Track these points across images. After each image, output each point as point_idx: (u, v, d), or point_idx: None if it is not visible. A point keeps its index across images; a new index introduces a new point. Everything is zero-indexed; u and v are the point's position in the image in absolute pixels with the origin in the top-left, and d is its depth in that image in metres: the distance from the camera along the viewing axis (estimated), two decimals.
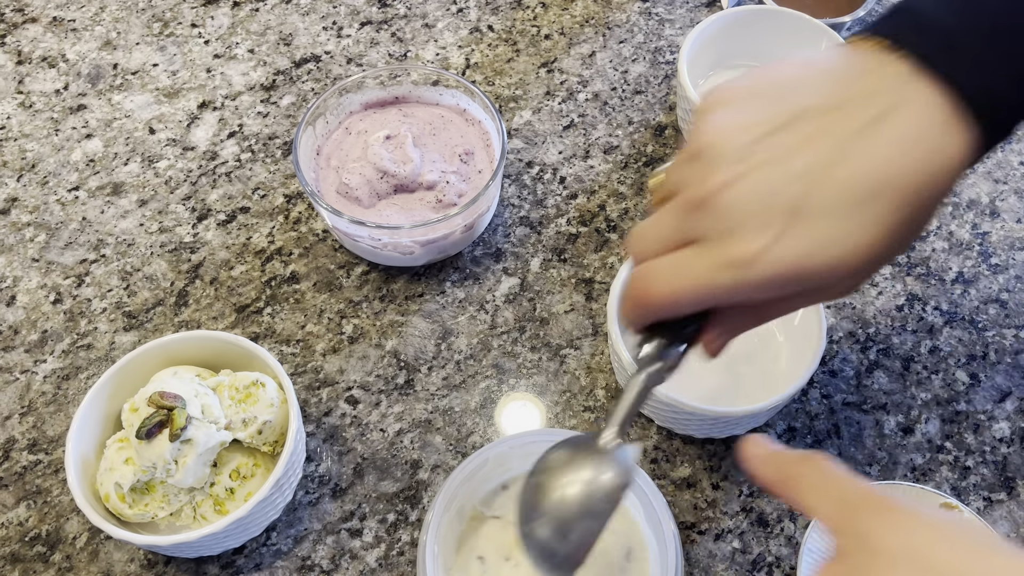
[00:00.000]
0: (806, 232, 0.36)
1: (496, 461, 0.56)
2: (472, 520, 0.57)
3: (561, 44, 0.88)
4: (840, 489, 0.36)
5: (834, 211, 0.36)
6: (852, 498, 0.36)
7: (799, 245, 0.36)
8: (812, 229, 0.36)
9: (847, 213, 0.36)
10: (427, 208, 0.71)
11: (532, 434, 0.56)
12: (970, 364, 0.70)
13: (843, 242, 0.36)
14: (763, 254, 0.36)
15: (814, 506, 0.37)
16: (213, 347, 0.63)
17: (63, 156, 0.81)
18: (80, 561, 0.61)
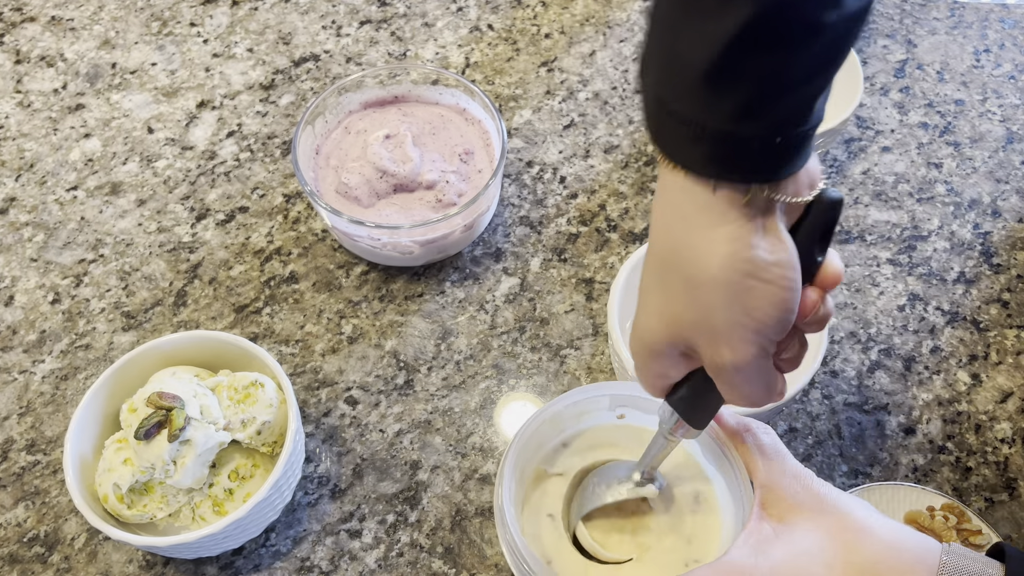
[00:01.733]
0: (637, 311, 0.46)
1: (552, 421, 0.56)
2: (536, 479, 0.57)
3: (561, 43, 0.88)
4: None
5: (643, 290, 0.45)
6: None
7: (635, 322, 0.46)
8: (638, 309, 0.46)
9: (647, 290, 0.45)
10: (427, 208, 0.71)
11: (581, 391, 0.56)
12: (971, 364, 0.69)
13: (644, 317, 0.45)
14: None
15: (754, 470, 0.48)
16: (212, 347, 0.63)
17: (61, 156, 0.80)
18: (79, 562, 0.61)
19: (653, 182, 0.78)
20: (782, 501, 0.46)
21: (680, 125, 0.39)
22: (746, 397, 0.43)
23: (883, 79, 0.86)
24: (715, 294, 0.40)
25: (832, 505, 0.45)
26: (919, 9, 0.91)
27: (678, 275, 0.42)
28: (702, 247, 0.40)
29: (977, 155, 0.80)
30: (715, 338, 0.41)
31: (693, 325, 0.42)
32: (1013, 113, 0.83)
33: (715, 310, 0.41)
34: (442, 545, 0.61)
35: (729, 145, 0.39)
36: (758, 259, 0.40)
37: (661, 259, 0.43)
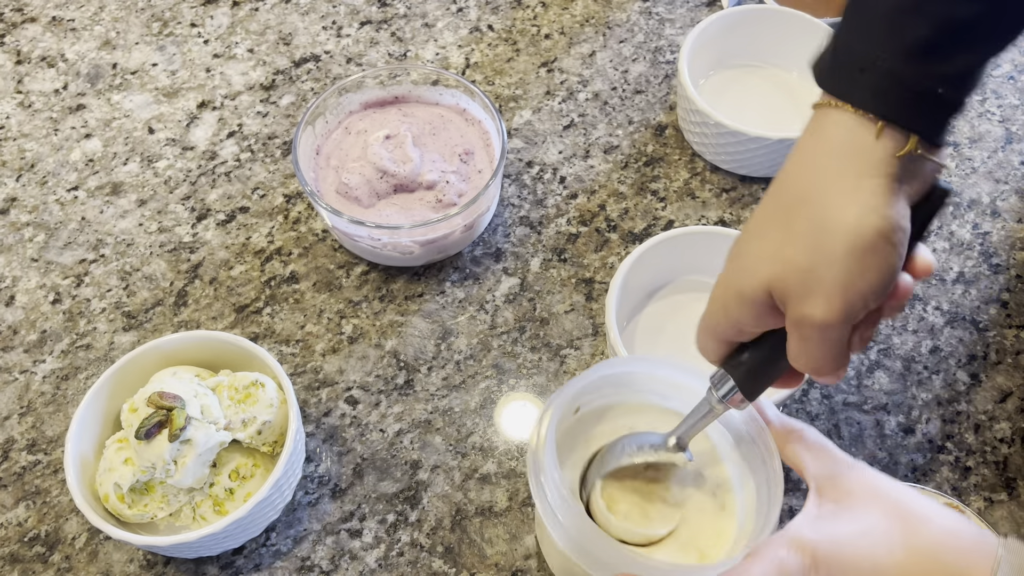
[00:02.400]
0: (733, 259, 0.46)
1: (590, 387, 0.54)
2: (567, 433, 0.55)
3: (561, 44, 0.88)
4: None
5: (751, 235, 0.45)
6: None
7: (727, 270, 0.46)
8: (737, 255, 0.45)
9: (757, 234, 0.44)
10: (427, 208, 0.71)
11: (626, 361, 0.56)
12: (971, 364, 0.69)
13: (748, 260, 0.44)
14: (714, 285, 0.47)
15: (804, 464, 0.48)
16: (212, 347, 0.63)
17: (62, 156, 0.80)
18: (79, 562, 0.61)
19: (653, 182, 0.78)
20: (838, 488, 0.46)
21: (855, 59, 0.41)
22: (815, 361, 0.43)
23: None
24: (841, 242, 0.40)
25: (889, 491, 0.45)
26: None
27: (809, 215, 0.41)
28: (847, 192, 0.40)
29: (976, 155, 0.81)
30: (818, 289, 0.41)
31: (802, 271, 0.41)
32: (1012, 113, 0.83)
33: (834, 259, 0.40)
34: (442, 545, 0.62)
35: (898, 83, 0.40)
36: (893, 220, 0.40)
37: (794, 197, 0.42)
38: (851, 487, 0.45)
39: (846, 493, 0.45)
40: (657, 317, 0.70)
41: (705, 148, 0.78)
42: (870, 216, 0.40)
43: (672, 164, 0.80)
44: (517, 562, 0.61)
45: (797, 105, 0.81)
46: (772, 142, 0.73)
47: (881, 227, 0.40)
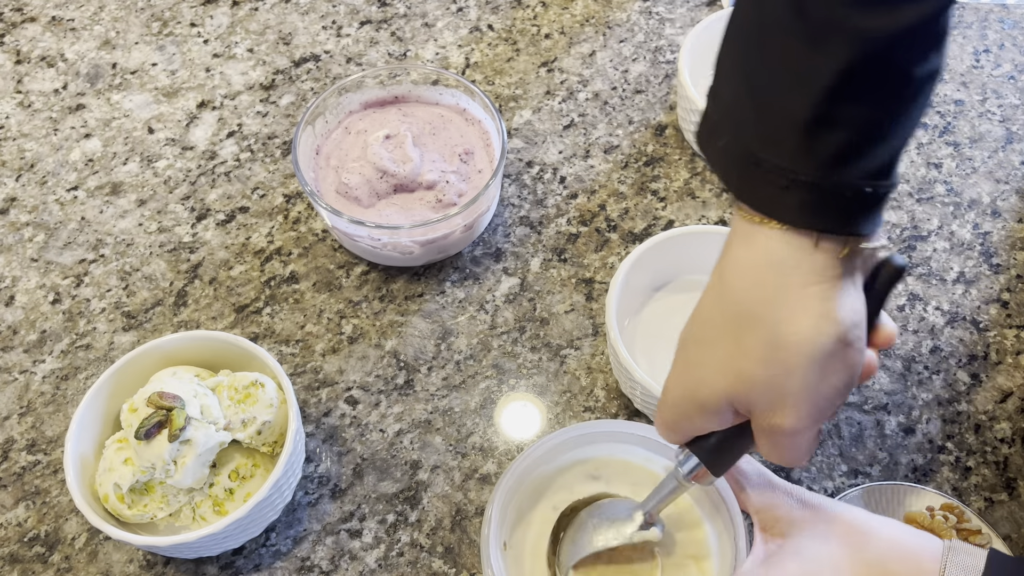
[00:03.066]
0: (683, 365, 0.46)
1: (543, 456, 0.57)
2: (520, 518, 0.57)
3: (561, 43, 0.88)
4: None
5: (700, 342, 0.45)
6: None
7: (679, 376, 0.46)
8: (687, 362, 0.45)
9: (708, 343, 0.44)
10: (427, 208, 0.71)
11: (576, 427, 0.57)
12: (971, 364, 0.69)
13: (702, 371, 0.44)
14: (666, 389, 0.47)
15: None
16: (212, 347, 0.63)
17: (62, 156, 0.80)
18: (79, 562, 0.61)
19: (653, 182, 0.78)
20: (780, 520, 0.46)
21: (773, 176, 0.39)
22: (787, 459, 0.43)
23: None
24: (799, 356, 0.39)
25: (830, 513, 0.46)
26: None
27: (761, 333, 0.40)
28: (794, 304, 0.40)
29: (977, 155, 0.81)
30: (782, 401, 0.40)
31: (762, 385, 0.41)
32: (1013, 113, 0.83)
33: (793, 372, 0.40)
34: (442, 545, 0.62)
35: (825, 194, 0.39)
36: (846, 321, 0.39)
37: (740, 315, 0.41)
38: (792, 517, 0.46)
39: (788, 524, 0.46)
40: (657, 316, 0.70)
41: None
42: (822, 324, 0.39)
43: (672, 164, 0.80)
44: None
45: None
46: None
47: (837, 332, 0.39)
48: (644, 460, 0.59)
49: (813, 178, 0.39)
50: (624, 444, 0.58)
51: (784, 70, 0.38)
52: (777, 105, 0.39)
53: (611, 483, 0.58)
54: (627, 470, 0.59)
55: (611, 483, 0.58)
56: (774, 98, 0.39)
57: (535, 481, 0.58)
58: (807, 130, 0.38)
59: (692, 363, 0.44)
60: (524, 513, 0.57)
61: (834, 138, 0.38)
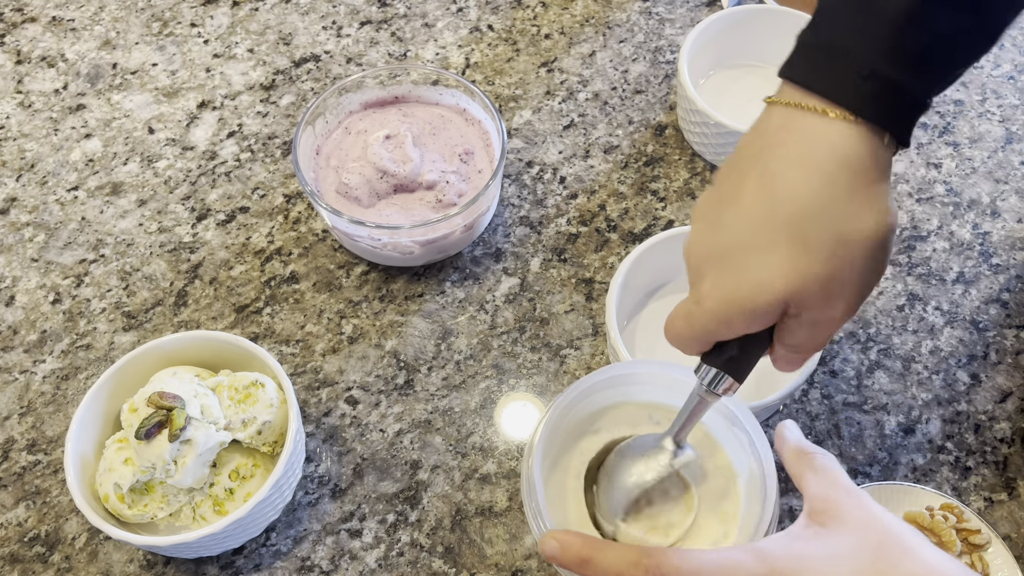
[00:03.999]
0: (730, 272, 0.43)
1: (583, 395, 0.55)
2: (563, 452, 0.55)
3: (561, 44, 0.88)
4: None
5: (749, 248, 0.43)
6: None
7: (724, 284, 0.43)
8: (735, 269, 0.43)
9: (760, 247, 0.42)
10: (427, 208, 0.71)
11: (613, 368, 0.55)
12: (971, 364, 0.69)
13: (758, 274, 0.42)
14: (704, 297, 0.44)
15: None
16: (212, 347, 0.63)
17: (62, 156, 0.81)
18: (79, 562, 0.61)
19: (653, 182, 0.78)
20: (830, 511, 0.45)
21: (855, 64, 0.41)
22: (818, 345, 0.45)
23: None
24: (863, 250, 0.41)
25: (883, 523, 0.44)
26: None
27: (826, 230, 0.41)
28: (864, 201, 0.41)
29: (976, 155, 0.81)
30: (841, 293, 0.42)
31: (824, 280, 0.41)
32: (1012, 113, 0.83)
33: (856, 266, 0.41)
34: (442, 545, 0.62)
35: (896, 94, 0.40)
36: (895, 214, 0.42)
37: (801, 210, 0.41)
38: (843, 514, 0.44)
39: (835, 518, 0.44)
40: (657, 316, 0.70)
41: (705, 148, 0.78)
42: (882, 218, 0.41)
43: (672, 164, 0.80)
44: (517, 562, 0.61)
45: None
46: None
47: (891, 225, 0.42)
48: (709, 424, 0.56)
49: (893, 74, 0.40)
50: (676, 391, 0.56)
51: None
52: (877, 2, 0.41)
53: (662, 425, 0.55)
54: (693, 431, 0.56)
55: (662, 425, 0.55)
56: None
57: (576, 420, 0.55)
58: (898, 24, 0.40)
59: (742, 268, 0.43)
60: (560, 457, 0.55)
61: (920, 39, 0.40)
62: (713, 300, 0.44)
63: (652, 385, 0.56)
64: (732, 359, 0.46)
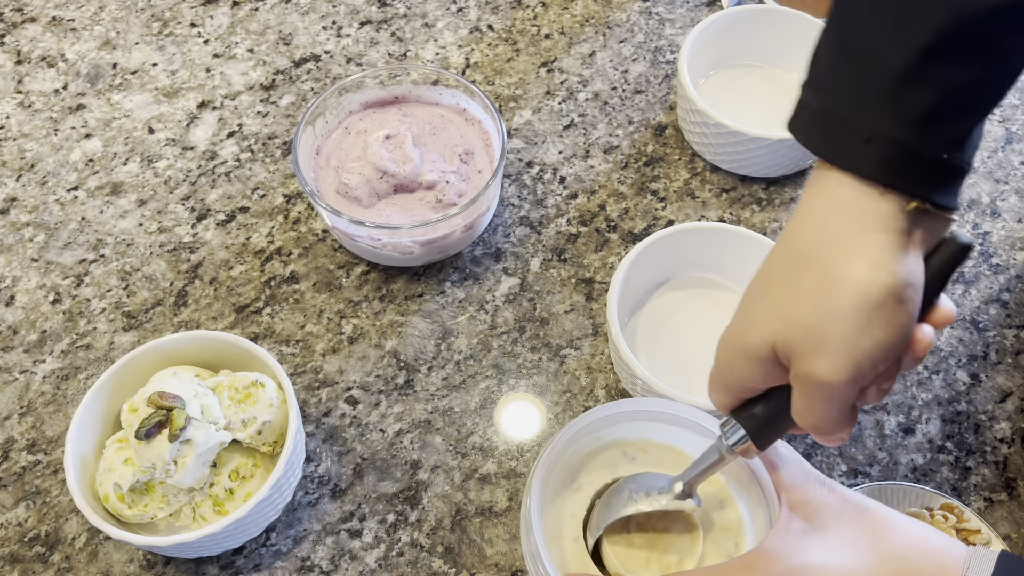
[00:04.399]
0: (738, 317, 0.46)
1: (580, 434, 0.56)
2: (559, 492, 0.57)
3: (561, 44, 0.88)
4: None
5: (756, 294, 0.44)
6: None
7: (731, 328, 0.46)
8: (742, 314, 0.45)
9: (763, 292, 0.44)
10: (427, 208, 0.71)
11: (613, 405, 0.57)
12: (971, 364, 0.69)
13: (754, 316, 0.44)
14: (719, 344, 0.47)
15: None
16: (212, 347, 0.63)
17: (62, 156, 0.81)
18: (79, 562, 0.61)
19: (653, 182, 0.79)
20: (808, 503, 0.46)
21: (855, 129, 0.40)
22: (817, 419, 0.42)
23: None
24: (848, 299, 0.39)
25: (859, 505, 0.46)
26: None
27: (815, 271, 0.41)
28: (852, 247, 0.40)
29: (976, 155, 0.80)
30: (823, 347, 0.40)
31: (807, 327, 0.40)
32: (1012, 114, 0.83)
33: (840, 316, 0.39)
34: (442, 545, 0.62)
35: (905, 153, 0.39)
36: (902, 276, 0.39)
37: (799, 256, 0.42)
38: (820, 505, 0.46)
39: (816, 509, 0.46)
40: (658, 314, 0.70)
41: (705, 148, 0.78)
42: (877, 272, 0.39)
43: (672, 164, 0.80)
44: (517, 562, 0.61)
45: None
46: (772, 142, 0.73)
47: (889, 284, 0.39)
48: (680, 441, 0.58)
49: (896, 136, 0.39)
50: (662, 424, 0.58)
51: (881, 24, 0.39)
52: (869, 57, 0.40)
53: (648, 465, 0.58)
54: (663, 452, 0.58)
55: (648, 465, 0.58)
56: (867, 50, 0.40)
57: (570, 460, 0.57)
58: (896, 85, 0.39)
59: (746, 311, 0.44)
60: (558, 493, 0.56)
61: (922, 98, 0.39)
62: (722, 343, 0.46)
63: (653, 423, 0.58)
64: (755, 421, 0.46)
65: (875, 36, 0.40)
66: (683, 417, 0.56)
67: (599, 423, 0.57)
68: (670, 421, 0.57)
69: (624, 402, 0.57)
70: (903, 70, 0.38)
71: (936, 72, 0.38)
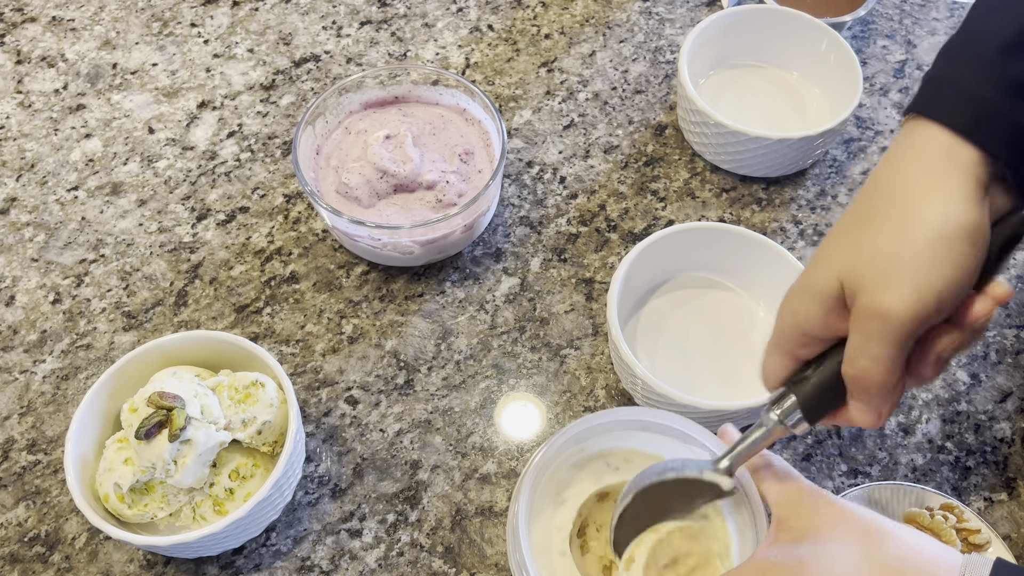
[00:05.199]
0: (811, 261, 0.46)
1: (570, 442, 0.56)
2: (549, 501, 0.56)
3: (561, 44, 0.88)
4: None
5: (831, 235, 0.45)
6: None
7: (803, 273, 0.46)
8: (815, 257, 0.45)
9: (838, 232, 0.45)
10: (427, 208, 0.71)
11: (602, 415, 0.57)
12: (971, 364, 0.69)
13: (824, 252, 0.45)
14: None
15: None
16: (212, 347, 0.63)
17: (62, 156, 0.81)
18: (79, 561, 0.61)
19: (653, 182, 0.79)
20: (800, 517, 0.46)
21: (955, 87, 0.43)
22: (870, 363, 0.42)
23: (883, 79, 0.86)
24: (922, 231, 0.40)
25: (852, 514, 0.45)
26: (918, 9, 0.91)
27: (892, 206, 0.42)
28: (933, 185, 0.41)
29: None
30: (891, 276, 0.41)
31: (879, 257, 0.41)
32: None
33: (912, 247, 0.40)
34: (442, 544, 0.62)
35: (992, 112, 0.41)
36: (976, 218, 0.41)
37: (880, 192, 0.43)
38: (811, 519, 0.45)
39: (808, 522, 0.45)
40: (658, 314, 0.70)
41: (705, 148, 0.78)
42: (954, 208, 0.40)
43: (672, 164, 0.80)
44: None
45: (797, 105, 0.81)
46: (772, 142, 0.73)
47: (963, 222, 0.40)
48: (664, 450, 0.58)
49: (989, 95, 0.41)
50: (646, 433, 0.57)
51: (999, 4, 0.43)
52: (982, 29, 0.43)
53: (631, 475, 0.57)
54: (648, 461, 0.57)
55: (631, 475, 0.57)
56: (981, 24, 0.43)
57: (556, 474, 0.57)
58: (1004, 49, 0.42)
59: (818, 253, 0.45)
60: (544, 507, 0.56)
61: (1021, 67, 0.41)
62: (787, 293, 0.46)
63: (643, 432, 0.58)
64: (805, 381, 0.46)
65: (990, 12, 0.43)
66: (665, 425, 0.56)
67: (582, 435, 0.56)
68: (653, 430, 0.57)
69: (606, 412, 0.57)
70: (1009, 39, 0.41)
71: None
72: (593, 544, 0.58)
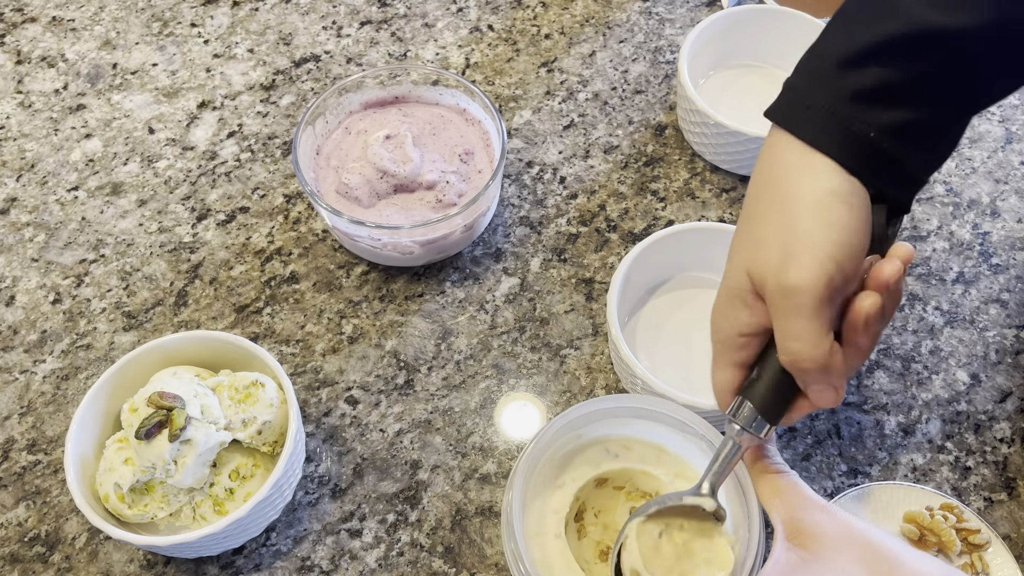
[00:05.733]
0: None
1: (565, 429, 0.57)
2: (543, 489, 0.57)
3: (561, 44, 0.88)
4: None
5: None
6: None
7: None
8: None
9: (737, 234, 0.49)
10: (427, 208, 0.71)
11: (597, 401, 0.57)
12: (971, 364, 0.69)
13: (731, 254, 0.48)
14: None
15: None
16: (213, 347, 0.63)
17: (62, 156, 0.81)
18: (79, 561, 0.61)
19: (652, 182, 0.79)
20: (807, 532, 0.45)
21: (800, 96, 0.46)
22: (799, 343, 0.43)
23: None
24: (799, 206, 0.43)
25: (861, 535, 0.44)
26: None
27: (771, 192, 0.45)
28: (801, 168, 0.45)
29: (976, 155, 0.81)
30: (788, 256, 0.43)
31: (768, 242, 0.44)
32: (1012, 113, 0.83)
33: (796, 224, 0.43)
34: (442, 544, 0.62)
35: (835, 122, 0.44)
36: (844, 183, 0.44)
37: (758, 189, 0.47)
38: (820, 533, 0.45)
39: (814, 539, 0.45)
40: (658, 314, 0.70)
41: (705, 148, 0.78)
42: (826, 178, 0.43)
43: (672, 164, 0.80)
44: None
45: None
46: None
47: (832, 187, 0.43)
48: (662, 438, 0.58)
49: (832, 105, 0.44)
50: (644, 421, 0.58)
51: (847, 22, 0.46)
52: (828, 45, 0.46)
53: (631, 462, 0.58)
54: (646, 449, 0.58)
55: (631, 462, 0.58)
56: (828, 40, 0.46)
57: (553, 458, 0.57)
58: (840, 64, 0.44)
59: (728, 258, 0.48)
60: (541, 490, 0.56)
61: (859, 80, 0.44)
62: (714, 303, 0.49)
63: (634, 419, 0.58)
64: (754, 384, 0.46)
65: (837, 30, 0.46)
66: (664, 413, 0.57)
67: (580, 420, 0.57)
68: (651, 417, 0.57)
69: (605, 399, 0.57)
70: (846, 55, 0.44)
71: (875, 63, 0.44)
72: (591, 529, 0.58)
